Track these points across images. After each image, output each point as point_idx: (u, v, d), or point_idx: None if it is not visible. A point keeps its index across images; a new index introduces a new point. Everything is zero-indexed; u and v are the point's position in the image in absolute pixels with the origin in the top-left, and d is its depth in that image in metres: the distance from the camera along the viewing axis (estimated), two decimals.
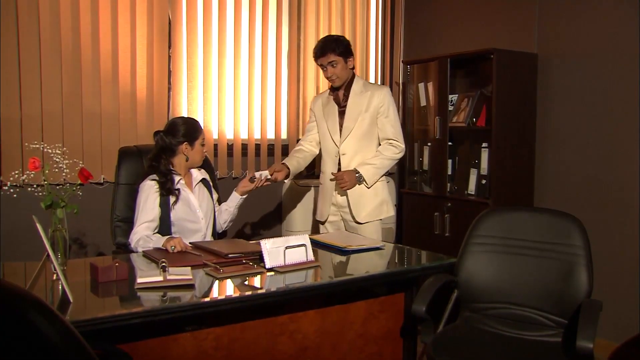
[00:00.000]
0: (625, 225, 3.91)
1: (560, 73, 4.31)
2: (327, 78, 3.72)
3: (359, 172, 3.63)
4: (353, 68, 3.76)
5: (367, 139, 3.72)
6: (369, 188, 3.68)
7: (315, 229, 4.21)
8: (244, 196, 3.44)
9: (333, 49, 3.61)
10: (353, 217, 3.71)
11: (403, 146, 3.76)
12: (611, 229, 3.94)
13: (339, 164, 3.74)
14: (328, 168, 3.79)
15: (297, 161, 3.83)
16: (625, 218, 3.91)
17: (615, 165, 3.97)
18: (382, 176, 3.75)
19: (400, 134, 3.75)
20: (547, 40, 4.39)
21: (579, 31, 4.17)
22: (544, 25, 4.41)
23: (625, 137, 3.92)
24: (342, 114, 3.75)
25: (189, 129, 3.26)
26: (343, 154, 3.71)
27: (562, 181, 4.29)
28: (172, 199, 3.17)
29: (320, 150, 3.92)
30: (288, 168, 3.70)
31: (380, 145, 3.75)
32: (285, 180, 4.10)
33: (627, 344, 3.64)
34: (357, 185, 3.64)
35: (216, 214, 3.40)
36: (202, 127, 3.36)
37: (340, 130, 3.73)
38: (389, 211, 3.81)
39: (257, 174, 3.44)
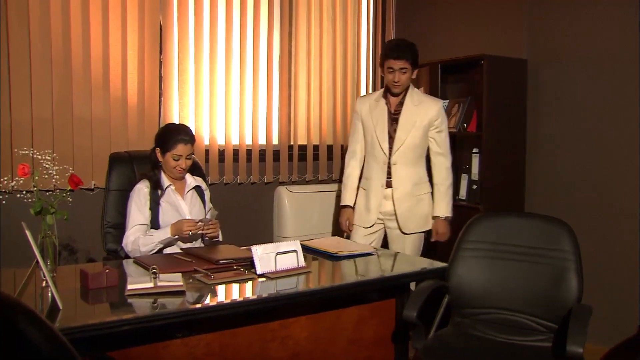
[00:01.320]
0: (615, 230, 3.92)
1: (549, 78, 4.32)
2: (390, 82, 3.66)
3: (447, 217, 3.77)
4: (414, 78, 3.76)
5: (419, 151, 3.74)
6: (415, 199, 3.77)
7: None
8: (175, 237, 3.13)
9: (409, 56, 3.60)
10: (400, 227, 3.75)
11: (451, 160, 3.84)
12: (602, 234, 3.95)
13: (389, 173, 3.74)
14: (375, 174, 3.79)
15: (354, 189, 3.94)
16: (616, 223, 3.92)
17: (606, 170, 3.98)
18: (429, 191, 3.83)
19: (449, 148, 3.83)
20: (536, 46, 4.41)
21: (568, 37, 4.19)
22: (533, 32, 4.43)
23: (615, 142, 3.93)
24: (393, 121, 3.72)
25: (161, 135, 3.24)
26: (394, 164, 3.71)
27: (552, 186, 4.30)
28: (159, 192, 3.18)
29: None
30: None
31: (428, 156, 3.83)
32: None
33: (616, 348, 3.65)
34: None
35: None
36: (183, 143, 3.16)
37: (391, 139, 3.72)
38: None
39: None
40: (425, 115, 3.67)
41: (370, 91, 5.46)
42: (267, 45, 4.83)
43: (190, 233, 2.98)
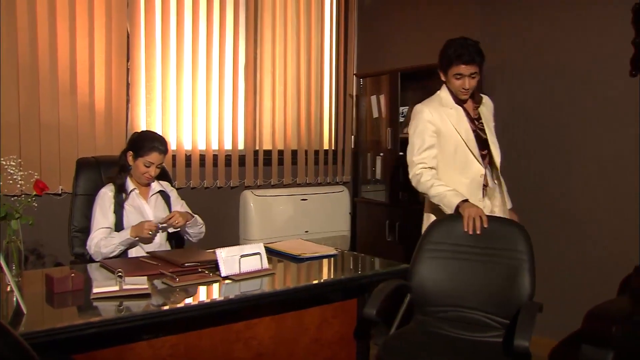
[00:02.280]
0: (566, 232, 3.98)
1: (502, 85, 4.38)
2: (459, 89, 3.14)
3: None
4: None
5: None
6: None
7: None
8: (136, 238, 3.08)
9: (480, 59, 3.15)
10: None
11: None
12: (553, 235, 4.01)
13: (485, 190, 3.24)
14: (467, 192, 3.13)
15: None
16: (566, 224, 3.99)
17: (555, 174, 4.05)
18: None
19: None
20: (490, 55, 4.44)
21: (521, 46, 4.25)
22: (485, 42, 4.44)
23: (564, 147, 4.00)
24: (480, 131, 3.24)
25: (137, 139, 3.22)
26: (497, 178, 3.31)
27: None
28: (123, 196, 3.15)
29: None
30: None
31: None
32: None
33: (564, 341, 3.71)
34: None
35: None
36: (157, 152, 3.16)
37: (486, 151, 3.24)
38: None
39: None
40: (490, 113, 3.35)
41: (333, 98, 5.47)
42: (233, 53, 4.80)
43: (151, 233, 2.95)
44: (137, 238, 3.03)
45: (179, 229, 3.20)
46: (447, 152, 3.18)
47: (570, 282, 3.94)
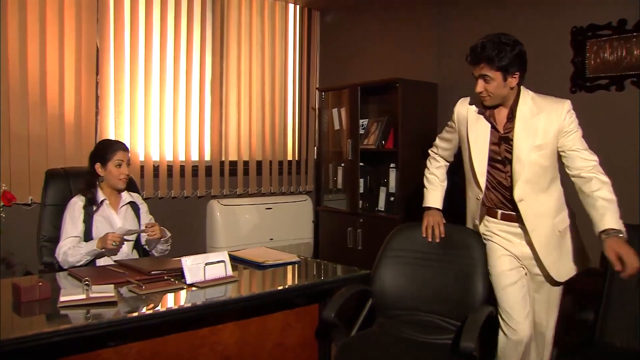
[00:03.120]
0: None
1: (457, 100, 4.41)
2: (475, 91, 2.70)
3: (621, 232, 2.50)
4: (518, 84, 2.67)
5: (543, 172, 2.69)
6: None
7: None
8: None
9: (488, 61, 2.57)
10: (550, 275, 2.73)
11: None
12: None
13: (489, 214, 2.83)
14: (471, 208, 2.93)
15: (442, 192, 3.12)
16: None
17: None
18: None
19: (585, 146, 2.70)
20: (445, 71, 4.52)
21: None
22: (442, 58, 4.55)
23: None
24: (503, 140, 2.70)
25: (99, 149, 3.19)
26: (520, 200, 2.65)
27: (459, 197, 4.40)
28: (94, 207, 3.10)
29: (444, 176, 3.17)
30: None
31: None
32: None
33: None
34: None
35: (141, 237, 3.31)
36: (122, 150, 3.15)
37: (494, 169, 2.75)
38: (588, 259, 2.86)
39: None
40: (549, 127, 2.63)
41: (296, 110, 5.49)
42: (200, 67, 4.79)
43: (114, 244, 2.92)
44: (103, 249, 2.99)
45: (144, 243, 3.18)
46: (463, 156, 2.90)
47: None
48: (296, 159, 5.51)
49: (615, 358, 2.91)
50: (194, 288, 2.54)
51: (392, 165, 4.56)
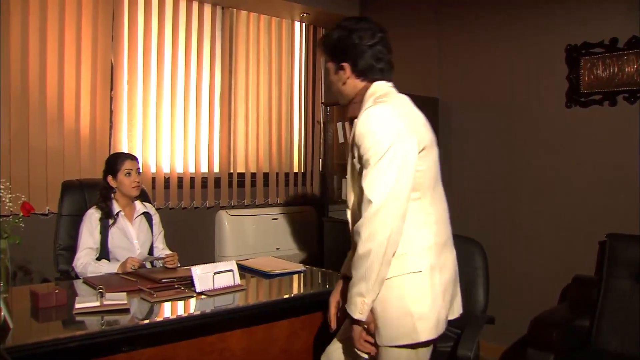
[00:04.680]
0: (513, 247, 4.07)
1: (458, 115, 4.47)
2: None
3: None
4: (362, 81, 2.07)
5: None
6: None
7: None
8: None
9: (320, 44, 2.17)
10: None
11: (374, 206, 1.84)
12: (503, 251, 4.08)
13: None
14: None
15: None
16: (514, 242, 4.07)
17: (505, 194, 4.14)
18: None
19: (374, 184, 1.85)
20: (446, 86, 4.55)
21: (474, 79, 4.36)
22: (443, 73, 4.58)
23: (511, 171, 4.09)
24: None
25: (108, 162, 3.22)
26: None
27: (463, 210, 4.43)
28: (110, 222, 3.13)
29: None
30: None
31: None
32: None
33: (513, 346, 3.78)
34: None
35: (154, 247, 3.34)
36: (129, 159, 3.20)
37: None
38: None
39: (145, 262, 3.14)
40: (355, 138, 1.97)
41: (302, 124, 5.53)
42: (209, 82, 4.83)
43: (133, 268, 2.94)
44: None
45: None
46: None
47: (518, 293, 4.02)
48: (302, 171, 5.54)
49: None
50: (203, 296, 2.56)
51: None
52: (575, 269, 3.59)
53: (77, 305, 2.26)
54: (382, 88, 2.05)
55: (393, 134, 1.86)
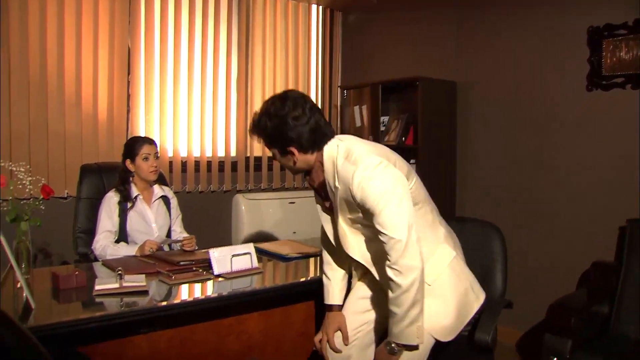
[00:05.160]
0: (532, 232, 4.05)
1: (476, 99, 4.44)
2: None
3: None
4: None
5: None
6: None
7: None
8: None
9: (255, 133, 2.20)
10: None
11: None
12: (521, 235, 4.06)
13: None
14: None
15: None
16: (532, 226, 4.05)
17: (523, 178, 4.11)
18: None
19: (394, 223, 2.01)
20: (464, 70, 4.52)
21: (492, 62, 4.31)
22: (461, 57, 4.54)
23: (530, 155, 4.06)
24: None
25: (127, 146, 3.24)
26: None
27: (479, 193, 4.41)
28: (128, 205, 3.16)
29: None
30: None
31: None
32: None
33: (530, 331, 3.77)
34: None
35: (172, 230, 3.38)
36: (147, 143, 3.20)
37: None
38: None
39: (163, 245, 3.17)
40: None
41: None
42: (226, 66, 4.84)
43: (151, 251, 2.97)
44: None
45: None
46: None
47: (536, 278, 4.00)
48: None
49: (629, 349, 2.91)
50: (220, 279, 2.59)
51: (412, 161, 4.56)
52: (595, 254, 3.56)
53: (97, 287, 2.29)
54: (338, 148, 2.12)
55: (389, 178, 2.02)
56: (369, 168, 2.00)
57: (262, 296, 2.60)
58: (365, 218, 2.10)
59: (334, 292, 2.42)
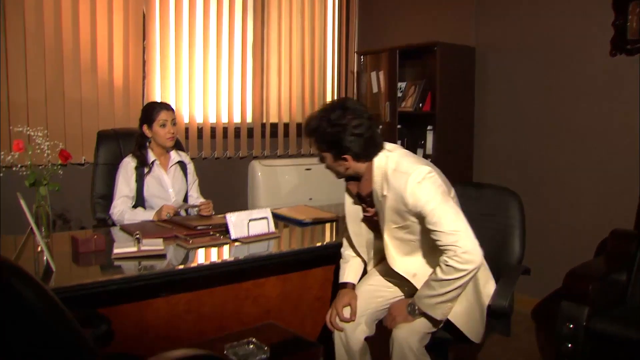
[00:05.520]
0: (550, 199, 4.02)
1: (494, 65, 4.38)
2: None
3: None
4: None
5: None
6: None
7: None
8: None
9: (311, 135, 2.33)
10: None
11: None
12: (539, 202, 4.04)
13: None
14: None
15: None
16: (551, 193, 4.02)
17: (542, 146, 4.07)
18: None
19: (449, 219, 2.18)
20: (483, 35, 4.45)
21: (512, 27, 4.24)
22: (480, 22, 4.47)
23: (551, 121, 4.02)
24: None
25: (144, 112, 3.23)
26: None
27: (496, 159, 4.38)
28: (145, 170, 3.17)
29: None
30: None
31: None
32: None
33: (545, 299, 3.76)
34: None
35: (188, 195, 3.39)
36: (165, 110, 3.18)
37: None
38: None
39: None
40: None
41: (335, 74, 5.48)
42: (242, 32, 4.80)
43: (169, 216, 2.98)
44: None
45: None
46: None
47: (553, 246, 3.99)
48: None
49: None
50: (237, 243, 2.61)
51: (429, 127, 4.54)
52: (614, 222, 3.53)
53: (116, 251, 2.32)
54: (388, 159, 2.28)
55: (439, 183, 2.22)
56: (420, 175, 2.17)
57: (279, 260, 2.62)
58: (411, 228, 2.26)
59: (349, 272, 2.54)
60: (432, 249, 2.27)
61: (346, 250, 2.59)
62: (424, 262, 2.34)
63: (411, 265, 2.35)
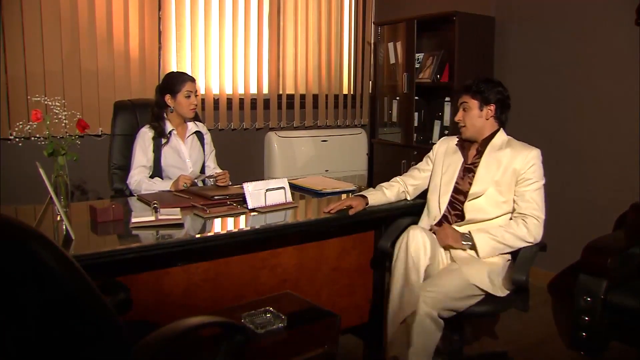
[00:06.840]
0: (568, 172, 3.98)
1: (514, 35, 4.31)
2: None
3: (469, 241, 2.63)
4: (497, 119, 2.81)
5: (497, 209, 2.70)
6: None
7: None
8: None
9: (469, 88, 2.76)
10: None
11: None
12: (557, 175, 4.00)
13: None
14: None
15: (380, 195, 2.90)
16: (569, 166, 3.98)
17: (562, 119, 4.02)
18: None
19: (541, 203, 2.67)
20: (503, 4, 4.37)
21: None
22: None
23: (569, 91, 3.96)
24: (467, 172, 2.78)
25: (167, 82, 3.22)
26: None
27: (515, 133, 4.32)
28: (163, 141, 3.17)
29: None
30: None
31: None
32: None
33: (562, 273, 3.74)
34: None
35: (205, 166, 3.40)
36: (190, 81, 3.19)
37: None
38: None
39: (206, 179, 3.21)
40: (511, 162, 2.70)
41: (352, 45, 5.42)
42: (258, 2, 4.76)
43: (185, 186, 2.99)
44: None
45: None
46: (430, 185, 2.95)
47: (571, 220, 3.96)
48: (351, 92, 5.48)
49: None
50: (255, 213, 2.61)
51: (447, 99, 4.50)
52: (633, 196, 3.49)
53: (133, 220, 2.34)
54: (505, 135, 2.86)
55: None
56: (540, 156, 2.72)
57: (296, 230, 2.63)
58: (504, 191, 2.67)
59: (374, 192, 2.88)
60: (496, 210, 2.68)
61: (385, 184, 2.95)
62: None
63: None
